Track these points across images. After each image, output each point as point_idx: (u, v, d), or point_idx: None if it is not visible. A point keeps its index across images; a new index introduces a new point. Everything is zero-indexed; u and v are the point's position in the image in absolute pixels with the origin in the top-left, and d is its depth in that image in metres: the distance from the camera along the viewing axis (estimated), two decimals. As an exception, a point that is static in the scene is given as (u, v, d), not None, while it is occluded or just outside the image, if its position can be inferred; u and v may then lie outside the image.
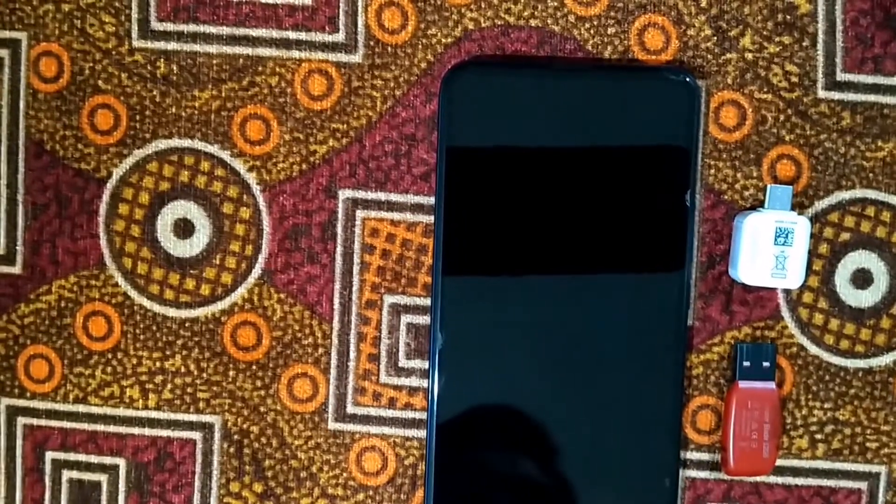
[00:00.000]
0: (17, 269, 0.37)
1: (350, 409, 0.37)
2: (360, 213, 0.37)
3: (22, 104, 0.37)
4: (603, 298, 0.35)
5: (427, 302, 0.37)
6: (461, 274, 0.35)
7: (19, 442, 0.38)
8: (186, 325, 0.37)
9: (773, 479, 0.37)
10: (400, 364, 0.37)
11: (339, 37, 0.36)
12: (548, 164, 0.35)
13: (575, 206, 0.35)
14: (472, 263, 0.35)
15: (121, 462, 0.38)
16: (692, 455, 0.37)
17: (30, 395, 0.38)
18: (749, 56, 0.36)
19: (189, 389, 0.37)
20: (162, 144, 0.37)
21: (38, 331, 0.38)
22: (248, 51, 0.36)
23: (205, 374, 0.37)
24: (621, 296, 0.35)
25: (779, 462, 0.37)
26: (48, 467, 0.38)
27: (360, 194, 0.37)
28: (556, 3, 0.36)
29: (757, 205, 0.36)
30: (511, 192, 0.35)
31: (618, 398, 0.35)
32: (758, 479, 0.37)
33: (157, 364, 0.37)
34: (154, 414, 0.38)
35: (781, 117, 0.36)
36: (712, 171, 0.36)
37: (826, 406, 0.37)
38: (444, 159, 0.35)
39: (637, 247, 0.35)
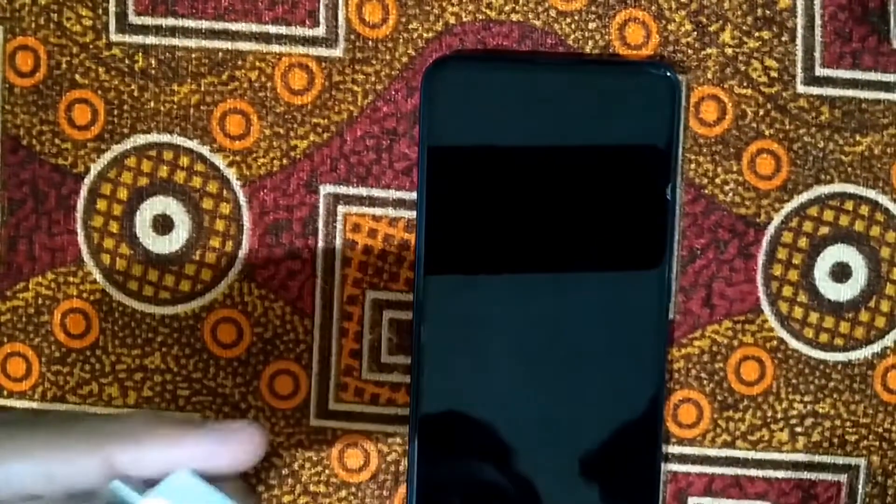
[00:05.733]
0: (-7, 266, 0.37)
1: (332, 406, 0.37)
2: (341, 209, 0.36)
3: (-2, 99, 0.36)
4: (584, 293, 0.35)
5: (410, 297, 0.36)
6: (443, 269, 0.35)
7: (-4, 441, 0.37)
8: (166, 321, 0.37)
9: (753, 472, 0.37)
10: (382, 360, 0.37)
11: (320, 31, 0.36)
12: (529, 158, 0.35)
13: (556, 199, 0.35)
14: (454, 259, 0.35)
15: (99, 461, 0.37)
16: (674, 449, 0.37)
17: (7, 393, 0.37)
18: (729, 51, 0.36)
19: (169, 387, 0.37)
20: (140, 139, 0.37)
21: (16, 328, 0.37)
22: (228, 45, 0.36)
23: (185, 372, 0.37)
24: (602, 290, 0.35)
25: (759, 455, 0.37)
26: (25, 467, 0.37)
27: (342, 189, 0.36)
28: (537, -2, 0.36)
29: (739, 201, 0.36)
30: (492, 185, 0.35)
31: (600, 392, 0.36)
32: (738, 472, 0.37)
33: (137, 362, 0.37)
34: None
35: (761, 112, 0.36)
36: (692, 166, 0.36)
37: (806, 399, 0.37)
38: (425, 154, 0.35)
39: (618, 241, 0.35)
